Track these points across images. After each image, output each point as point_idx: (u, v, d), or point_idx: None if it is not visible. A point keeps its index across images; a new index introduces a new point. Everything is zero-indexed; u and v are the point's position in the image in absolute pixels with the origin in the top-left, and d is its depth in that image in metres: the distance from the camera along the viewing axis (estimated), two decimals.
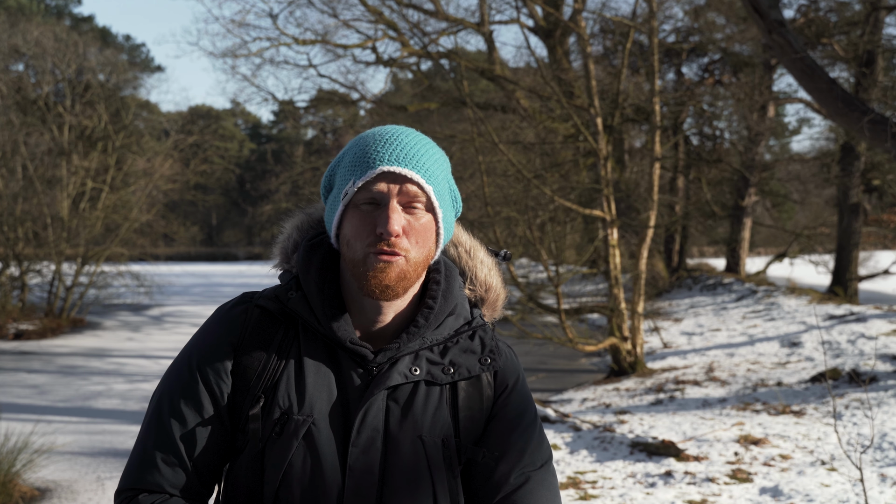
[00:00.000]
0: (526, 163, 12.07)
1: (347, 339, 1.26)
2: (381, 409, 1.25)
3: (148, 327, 17.05)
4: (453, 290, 1.35)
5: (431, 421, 1.27)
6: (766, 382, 8.52)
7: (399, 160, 1.23)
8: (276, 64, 19.91)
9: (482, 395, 1.32)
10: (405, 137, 1.26)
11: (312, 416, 1.23)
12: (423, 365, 1.29)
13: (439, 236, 1.30)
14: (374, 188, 1.23)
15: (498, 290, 1.43)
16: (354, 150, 1.27)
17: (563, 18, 11.77)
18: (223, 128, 49.64)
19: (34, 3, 32.47)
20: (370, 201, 1.24)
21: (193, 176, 23.60)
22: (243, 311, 1.32)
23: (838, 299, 15.23)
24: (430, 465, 1.25)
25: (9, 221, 16.98)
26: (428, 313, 1.30)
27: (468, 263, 1.43)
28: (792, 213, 28.27)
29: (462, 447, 1.28)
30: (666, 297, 19.97)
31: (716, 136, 21.09)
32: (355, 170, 1.24)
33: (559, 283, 10.17)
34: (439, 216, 1.28)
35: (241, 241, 55.58)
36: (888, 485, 4.83)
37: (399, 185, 1.23)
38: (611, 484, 5.19)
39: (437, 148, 1.31)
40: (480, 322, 1.36)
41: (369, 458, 1.23)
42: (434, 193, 1.26)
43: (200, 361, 1.29)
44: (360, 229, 1.24)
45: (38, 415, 8.30)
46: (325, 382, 1.26)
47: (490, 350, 1.33)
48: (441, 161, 1.30)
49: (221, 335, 1.30)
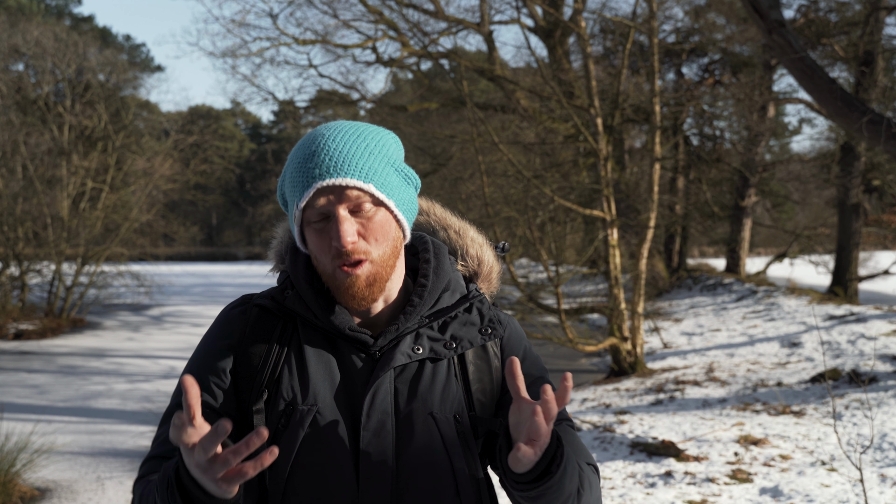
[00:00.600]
0: (526, 163, 12.08)
1: (346, 327, 1.28)
2: (389, 391, 1.26)
3: (148, 327, 17.05)
4: (444, 266, 1.36)
5: (441, 397, 1.28)
6: (766, 383, 8.52)
7: (330, 171, 1.22)
8: (276, 64, 19.92)
9: (490, 367, 1.34)
10: (331, 142, 1.24)
11: (317, 404, 1.25)
12: (424, 343, 1.30)
13: (400, 221, 1.30)
14: (317, 205, 1.23)
15: (490, 263, 1.45)
16: (291, 166, 1.27)
17: (563, 18, 11.77)
18: (223, 128, 49.65)
19: (34, 3, 32.46)
20: (319, 217, 1.25)
21: (193, 176, 23.61)
22: (242, 312, 1.35)
23: (838, 299, 15.23)
24: (444, 442, 1.26)
25: (9, 221, 16.98)
26: (422, 291, 1.32)
27: (458, 242, 1.45)
28: (792, 214, 28.27)
29: (478, 420, 1.29)
30: (666, 297, 19.98)
31: (716, 136, 21.09)
32: (295, 190, 1.25)
33: (559, 284, 10.17)
34: (391, 206, 1.27)
35: (240, 241, 55.60)
36: (888, 485, 4.83)
37: (338, 194, 1.23)
38: (611, 484, 5.19)
39: (375, 133, 1.29)
40: (477, 294, 1.37)
41: (382, 440, 1.24)
42: (376, 188, 1.25)
43: (200, 363, 1.31)
44: (320, 246, 1.25)
45: (38, 415, 8.30)
46: (327, 371, 1.28)
47: (489, 320, 1.35)
48: (378, 148, 1.27)
49: (221, 336, 1.33)
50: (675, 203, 18.35)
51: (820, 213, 23.53)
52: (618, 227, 10.79)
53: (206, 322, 17.78)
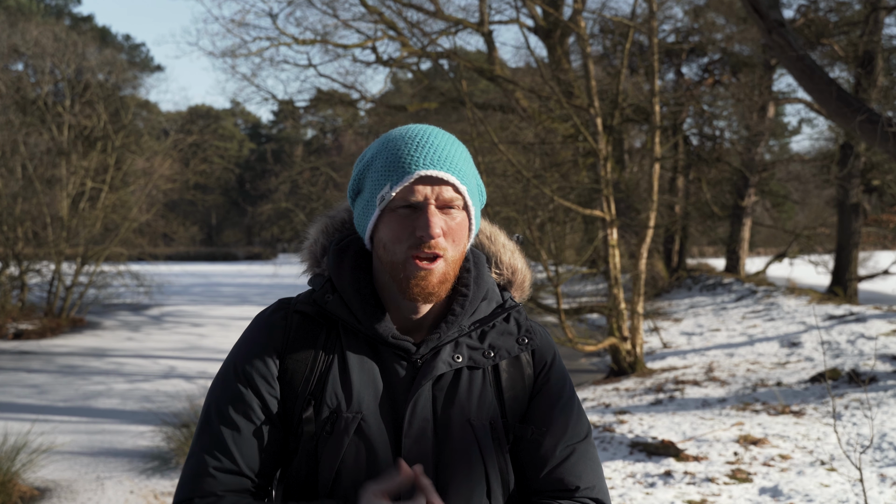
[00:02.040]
0: (525, 163, 12.07)
1: (389, 335, 1.29)
2: (429, 398, 1.28)
3: (148, 327, 17.04)
4: (483, 276, 1.38)
5: (478, 404, 1.30)
6: (765, 382, 8.52)
7: (434, 163, 1.24)
8: (275, 64, 19.91)
9: (523, 375, 1.36)
10: (436, 139, 1.28)
11: (361, 412, 1.26)
12: (464, 351, 1.32)
13: (471, 232, 1.33)
14: (412, 192, 1.24)
15: (524, 272, 1.48)
16: (385, 153, 1.28)
17: (562, 18, 11.76)
18: (223, 127, 49.65)
19: (34, 3, 32.45)
20: (407, 205, 1.25)
21: (193, 176, 23.60)
22: (283, 318, 1.34)
23: (838, 299, 15.23)
24: (480, 447, 1.28)
25: (8, 221, 16.98)
26: (463, 301, 1.33)
27: (491, 248, 1.47)
28: (792, 214, 28.28)
29: (509, 426, 1.32)
30: (666, 297, 19.98)
31: (716, 136, 21.09)
32: (390, 175, 1.25)
33: (559, 283, 10.17)
34: (472, 213, 1.31)
35: (240, 240, 55.58)
36: (888, 485, 4.83)
37: (436, 187, 1.24)
38: (610, 484, 5.19)
39: (462, 144, 1.33)
40: (513, 304, 1.39)
41: (422, 446, 1.27)
42: (468, 193, 1.28)
43: (246, 368, 1.29)
44: (398, 233, 1.25)
45: (37, 414, 8.30)
46: (370, 378, 1.29)
47: (526, 330, 1.38)
48: (469, 158, 1.32)
49: (264, 342, 1.32)
50: (675, 203, 18.36)
51: (820, 212, 23.54)
52: (617, 227, 10.79)
53: (206, 322, 17.77)
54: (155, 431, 7.61)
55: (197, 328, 16.86)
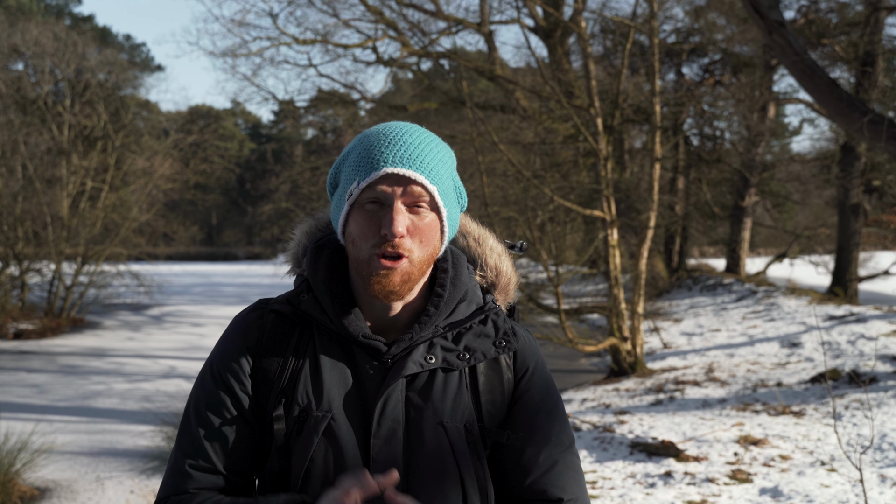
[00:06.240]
0: (526, 163, 12.07)
1: (360, 334, 1.28)
2: (400, 399, 1.27)
3: (148, 327, 17.04)
4: (462, 277, 1.36)
5: (452, 407, 1.28)
6: (765, 383, 8.52)
7: (403, 161, 1.23)
8: (276, 63, 19.88)
9: (502, 379, 1.34)
10: (409, 137, 1.27)
11: (331, 411, 1.25)
12: (437, 353, 1.30)
13: (444, 234, 1.31)
14: (379, 189, 1.23)
15: (509, 275, 1.45)
16: (359, 148, 1.28)
17: (563, 18, 11.77)
18: (223, 127, 49.63)
19: (34, 3, 32.44)
20: (374, 201, 1.24)
21: (193, 175, 23.61)
22: (259, 317, 1.34)
23: (838, 300, 15.23)
24: (454, 452, 1.26)
25: (9, 221, 16.98)
26: (438, 301, 1.32)
27: (477, 251, 1.45)
28: (792, 214, 28.26)
29: (486, 431, 1.30)
30: (666, 297, 19.97)
31: (716, 136, 21.09)
32: (360, 170, 1.25)
33: (559, 284, 10.17)
34: (444, 214, 1.28)
35: (240, 240, 55.56)
36: (888, 485, 4.83)
37: (403, 186, 1.23)
38: (610, 484, 5.19)
39: (443, 145, 1.31)
40: (493, 307, 1.37)
41: (392, 448, 1.25)
42: (438, 193, 1.26)
43: (220, 368, 1.31)
44: (365, 229, 1.25)
45: (38, 414, 8.30)
46: (341, 378, 1.28)
47: (504, 332, 1.35)
48: (446, 158, 1.30)
49: (239, 341, 1.32)
50: (675, 203, 18.35)
51: (820, 213, 23.52)
52: (618, 227, 10.78)
53: (206, 322, 17.78)
54: (155, 431, 7.61)
55: (197, 328, 16.86)
